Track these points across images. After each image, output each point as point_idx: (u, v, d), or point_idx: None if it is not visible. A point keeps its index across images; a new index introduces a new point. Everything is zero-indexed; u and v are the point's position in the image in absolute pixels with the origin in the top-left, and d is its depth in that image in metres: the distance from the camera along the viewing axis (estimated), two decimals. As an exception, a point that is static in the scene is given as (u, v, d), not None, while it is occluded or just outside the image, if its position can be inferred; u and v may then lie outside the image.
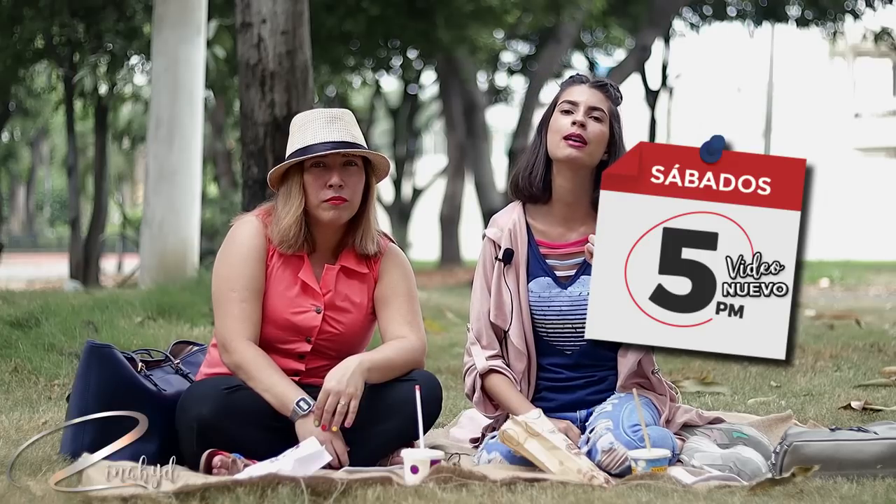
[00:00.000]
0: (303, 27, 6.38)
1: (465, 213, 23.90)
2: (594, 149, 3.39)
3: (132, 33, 12.96)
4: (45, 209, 45.37)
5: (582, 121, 3.37)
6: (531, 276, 3.44)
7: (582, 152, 3.37)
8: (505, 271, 3.45)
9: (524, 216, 3.49)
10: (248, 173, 6.38)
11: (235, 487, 2.80)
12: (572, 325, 3.41)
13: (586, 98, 3.40)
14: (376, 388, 3.30)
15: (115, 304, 6.50)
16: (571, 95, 3.42)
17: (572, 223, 3.46)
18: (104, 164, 15.05)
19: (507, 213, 3.52)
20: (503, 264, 3.45)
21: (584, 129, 3.37)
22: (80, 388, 3.32)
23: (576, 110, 3.39)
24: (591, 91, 3.42)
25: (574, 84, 3.46)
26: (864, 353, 5.98)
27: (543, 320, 3.43)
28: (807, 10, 19.36)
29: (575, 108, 3.40)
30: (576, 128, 3.37)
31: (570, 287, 3.42)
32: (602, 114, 3.40)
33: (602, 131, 3.40)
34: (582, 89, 3.43)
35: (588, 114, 3.39)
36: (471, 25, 14.72)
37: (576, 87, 3.44)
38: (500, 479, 2.94)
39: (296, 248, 3.40)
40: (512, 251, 3.44)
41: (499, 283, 3.45)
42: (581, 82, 3.45)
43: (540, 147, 3.46)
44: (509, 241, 3.45)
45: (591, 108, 3.40)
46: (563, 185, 3.44)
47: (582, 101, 3.40)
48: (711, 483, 2.99)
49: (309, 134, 3.37)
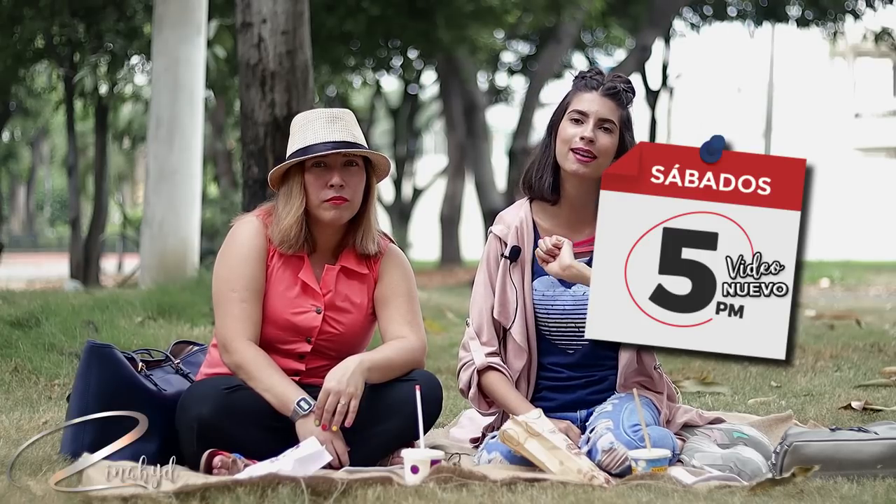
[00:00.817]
0: (303, 27, 6.38)
1: (466, 214, 23.91)
2: (602, 161, 3.34)
3: (132, 33, 12.96)
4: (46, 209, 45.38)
5: (591, 136, 3.32)
6: (536, 275, 3.44)
7: (589, 167, 3.33)
8: (510, 268, 3.44)
9: (531, 214, 3.48)
10: (248, 173, 6.38)
11: (236, 487, 2.80)
12: (575, 324, 3.40)
13: (597, 109, 3.34)
14: (376, 387, 3.30)
15: (116, 304, 6.50)
16: (582, 104, 3.36)
17: (578, 225, 3.45)
18: (104, 163, 15.05)
19: (514, 211, 3.51)
20: (509, 262, 3.44)
21: (593, 144, 3.32)
22: (80, 387, 3.32)
23: (585, 121, 3.34)
24: (601, 100, 3.35)
25: (585, 90, 3.38)
26: (865, 353, 5.98)
27: (546, 319, 3.43)
28: (807, 11, 19.35)
29: (584, 118, 3.34)
30: (584, 143, 3.32)
31: (575, 287, 3.41)
32: (612, 125, 3.35)
33: (612, 143, 3.35)
34: (593, 98, 3.35)
35: (598, 126, 3.34)
36: (471, 25, 14.72)
37: (586, 95, 3.36)
38: (501, 479, 2.94)
39: (296, 248, 3.40)
40: (519, 248, 3.44)
41: (504, 281, 3.45)
42: (593, 88, 3.37)
43: (549, 149, 3.42)
44: (516, 239, 3.45)
45: (601, 119, 3.34)
46: (571, 190, 3.42)
47: (592, 112, 3.34)
48: (712, 483, 2.99)
49: (310, 134, 3.37)
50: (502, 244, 3.47)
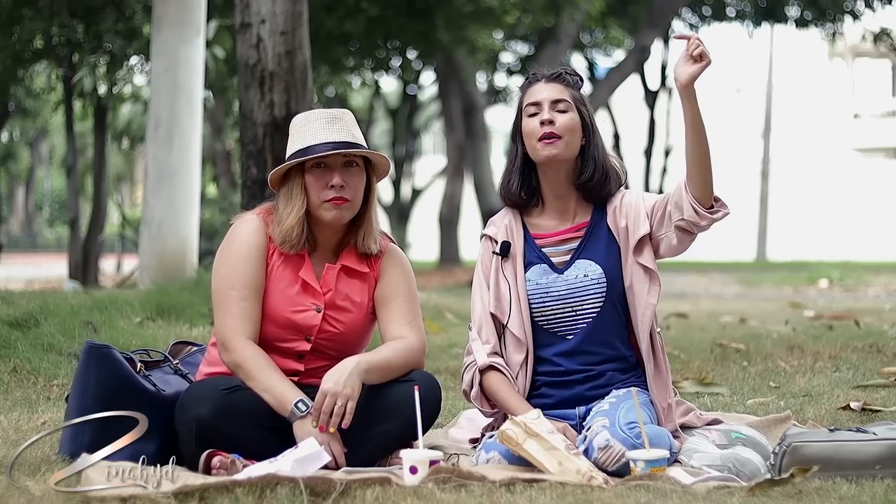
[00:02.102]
0: (302, 27, 6.38)
1: (465, 214, 23.91)
2: (570, 139, 3.45)
3: (131, 33, 12.95)
4: (45, 209, 45.39)
5: (549, 118, 3.43)
6: (528, 266, 3.50)
7: (558, 148, 3.43)
8: (502, 264, 3.49)
9: (520, 215, 3.56)
10: (247, 174, 6.38)
11: (234, 488, 2.80)
12: (571, 308, 3.45)
13: (546, 94, 3.46)
14: (375, 388, 3.30)
15: (115, 305, 6.49)
16: (532, 96, 3.49)
17: (565, 214, 3.53)
18: (103, 164, 15.03)
19: (503, 213, 3.60)
20: (500, 258, 3.49)
21: (553, 124, 3.43)
22: (79, 388, 3.31)
23: (540, 109, 3.45)
24: (548, 86, 3.48)
25: (532, 84, 3.52)
26: (863, 353, 5.98)
27: (542, 307, 3.46)
28: (806, 11, 19.38)
29: (539, 107, 3.46)
30: (545, 127, 3.43)
31: (567, 271, 3.47)
32: (566, 104, 3.46)
33: (572, 119, 3.45)
34: (540, 87, 3.49)
35: (553, 108, 3.45)
36: (470, 26, 14.72)
37: (534, 87, 3.50)
38: (499, 479, 2.94)
39: (298, 247, 3.40)
40: (509, 243, 3.50)
41: (497, 276, 3.49)
42: (537, 80, 3.51)
43: (516, 156, 3.52)
44: (506, 235, 3.52)
45: (553, 101, 3.45)
46: (550, 183, 3.50)
47: (543, 98, 3.46)
48: (710, 483, 2.99)
49: (310, 134, 3.37)
50: (493, 243, 3.53)
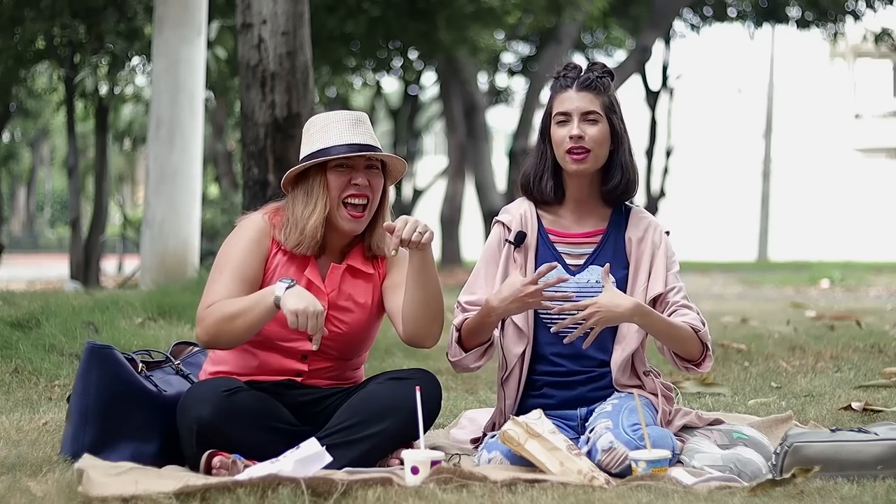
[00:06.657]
0: (303, 28, 6.39)
1: (466, 214, 23.91)
2: (598, 151, 3.41)
3: (133, 34, 12.96)
4: (46, 210, 45.42)
5: (578, 133, 3.38)
6: (540, 261, 3.45)
7: (587, 163, 3.40)
8: (514, 253, 3.47)
9: (535, 208, 3.53)
10: (248, 174, 6.38)
11: (236, 488, 2.80)
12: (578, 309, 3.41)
13: (577, 105, 3.40)
14: (376, 388, 3.30)
15: (116, 305, 6.49)
16: (562, 105, 3.42)
17: (582, 216, 3.50)
18: (105, 164, 15.05)
19: (518, 203, 3.57)
20: (513, 247, 3.47)
21: (583, 139, 3.38)
22: (80, 388, 3.31)
23: (570, 120, 3.40)
24: (580, 95, 3.41)
25: (562, 91, 3.44)
26: (865, 353, 5.98)
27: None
28: (807, 12, 19.38)
29: (568, 118, 3.40)
30: (573, 141, 3.38)
31: (579, 274, 3.44)
32: (597, 115, 3.41)
33: (601, 131, 3.41)
34: (570, 95, 3.41)
35: (583, 120, 3.39)
36: (471, 26, 14.73)
37: (565, 95, 3.42)
38: (501, 479, 2.94)
39: (313, 250, 3.38)
40: (524, 233, 3.47)
41: (506, 265, 3.47)
42: (568, 86, 3.43)
43: (546, 154, 3.47)
44: (520, 225, 3.49)
45: (584, 114, 3.40)
46: (574, 188, 3.48)
47: (573, 108, 3.40)
48: (712, 484, 2.99)
49: (333, 135, 3.36)
50: (506, 230, 3.50)
